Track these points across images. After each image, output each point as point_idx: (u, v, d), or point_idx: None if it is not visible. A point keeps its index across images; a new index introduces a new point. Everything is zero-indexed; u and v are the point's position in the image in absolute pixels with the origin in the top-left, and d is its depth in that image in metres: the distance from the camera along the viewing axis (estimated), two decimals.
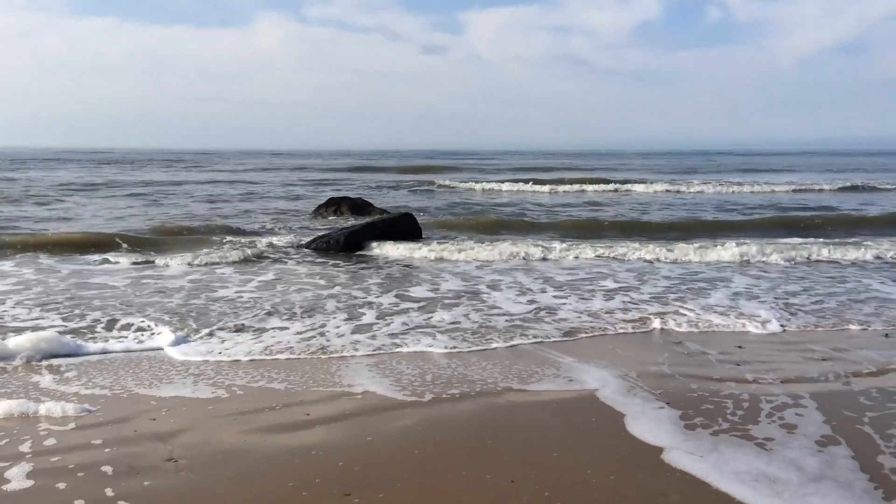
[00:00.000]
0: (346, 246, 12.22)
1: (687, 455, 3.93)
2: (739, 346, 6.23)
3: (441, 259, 11.34)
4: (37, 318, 7.16)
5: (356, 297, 8.27)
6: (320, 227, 15.00)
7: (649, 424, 4.39)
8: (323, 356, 5.96)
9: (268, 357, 5.93)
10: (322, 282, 9.31)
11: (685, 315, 7.36)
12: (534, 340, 6.41)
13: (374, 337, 6.52)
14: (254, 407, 4.77)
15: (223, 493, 3.55)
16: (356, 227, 13.24)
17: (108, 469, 3.80)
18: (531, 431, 4.36)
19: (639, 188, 27.61)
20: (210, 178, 33.10)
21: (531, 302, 8.06)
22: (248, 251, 11.46)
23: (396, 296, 8.41)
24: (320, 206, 18.02)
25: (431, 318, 7.27)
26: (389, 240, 12.77)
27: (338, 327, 6.86)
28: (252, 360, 5.83)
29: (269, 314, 7.41)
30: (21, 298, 8.08)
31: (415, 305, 7.88)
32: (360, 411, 4.70)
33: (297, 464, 3.88)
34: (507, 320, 7.15)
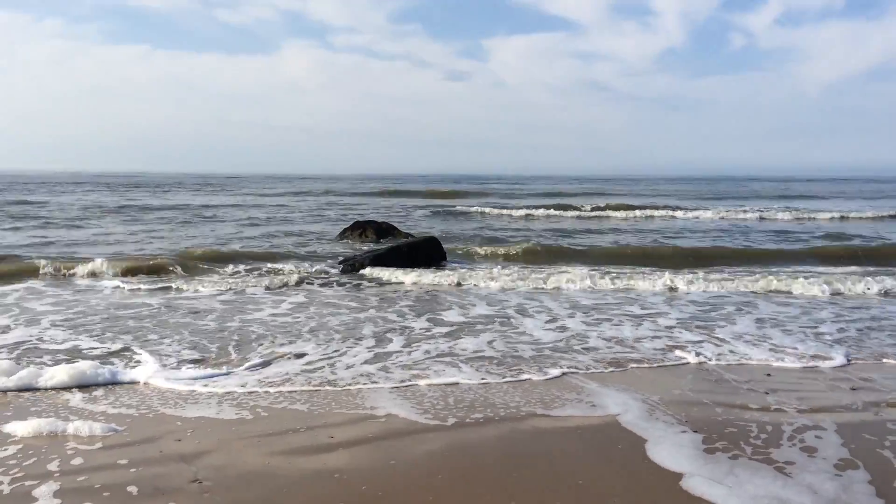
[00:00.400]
0: (370, 268, 12.26)
1: (707, 482, 3.85)
2: (768, 375, 6.13)
3: (462, 284, 11.30)
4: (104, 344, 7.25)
5: (384, 322, 8.28)
6: (345, 251, 15.08)
7: (672, 450, 4.32)
8: (351, 387, 5.95)
9: (304, 388, 5.91)
10: (353, 304, 9.36)
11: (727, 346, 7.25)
12: (565, 371, 6.28)
13: (400, 366, 6.48)
14: (278, 429, 4.77)
15: None
16: (380, 251, 13.30)
17: (133, 489, 3.82)
18: (556, 458, 4.31)
19: (682, 214, 27.70)
20: (237, 203, 33.53)
21: (561, 329, 7.99)
22: (277, 278, 11.43)
23: (428, 320, 8.41)
24: (345, 230, 18.13)
25: (458, 344, 7.23)
26: (414, 264, 12.80)
27: (361, 354, 6.87)
28: (280, 385, 5.84)
29: (302, 340, 7.44)
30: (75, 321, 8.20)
31: (444, 330, 7.87)
32: (383, 435, 4.69)
33: (320, 487, 3.87)
34: (534, 349, 7.06)
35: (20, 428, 4.68)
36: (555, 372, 6.19)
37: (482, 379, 5.98)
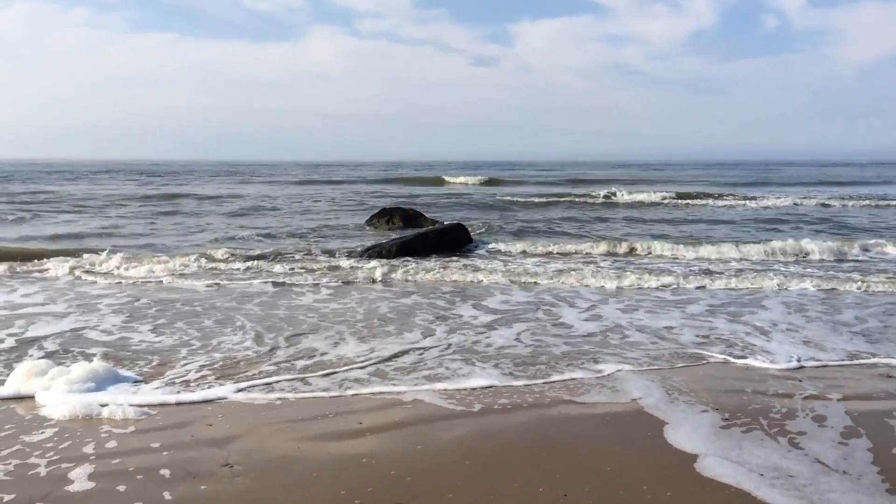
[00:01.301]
0: (398, 255, 12.29)
1: (719, 461, 3.81)
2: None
3: (490, 270, 11.27)
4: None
5: (416, 312, 8.30)
6: (375, 237, 15.14)
7: (689, 431, 4.28)
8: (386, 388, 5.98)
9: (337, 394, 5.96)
10: (386, 294, 9.39)
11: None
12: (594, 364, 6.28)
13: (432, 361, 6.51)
14: (307, 415, 4.81)
15: (277, 499, 3.58)
16: (408, 238, 13.31)
17: (165, 473, 3.88)
18: (584, 444, 4.29)
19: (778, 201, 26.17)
20: (264, 193, 33.41)
21: (595, 317, 7.96)
22: (308, 271, 11.53)
23: (451, 310, 8.41)
24: (372, 217, 18.18)
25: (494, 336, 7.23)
26: (441, 250, 12.80)
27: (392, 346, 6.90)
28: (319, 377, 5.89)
29: (339, 337, 7.48)
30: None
31: (487, 318, 7.87)
32: (411, 420, 4.70)
33: (349, 472, 3.89)
34: (565, 342, 7.04)
35: (56, 411, 4.78)
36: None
37: (515, 380, 5.73)
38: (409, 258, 12.06)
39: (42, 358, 5.90)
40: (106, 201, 25.90)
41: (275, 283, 9.99)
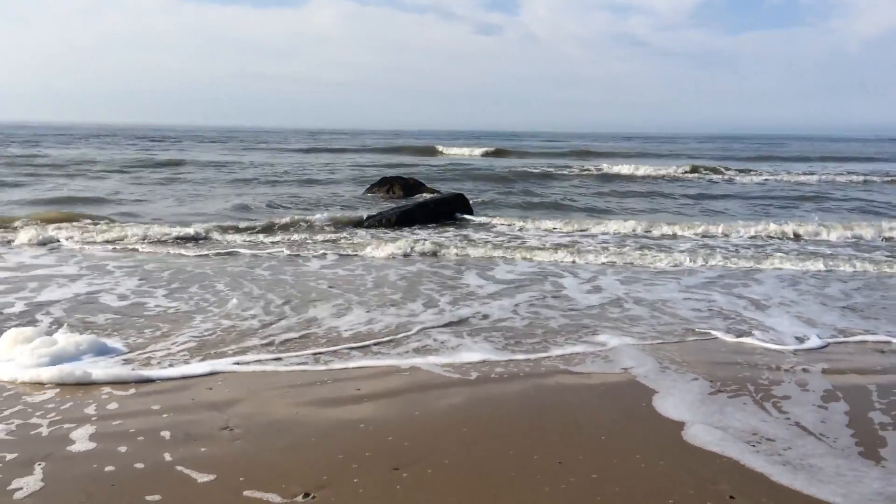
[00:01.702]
0: (398, 223, 12.31)
1: (705, 428, 3.86)
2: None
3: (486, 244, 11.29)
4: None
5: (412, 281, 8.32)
6: (377, 205, 15.14)
7: (677, 399, 4.34)
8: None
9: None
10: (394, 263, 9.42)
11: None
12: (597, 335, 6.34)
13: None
14: (306, 381, 4.86)
15: (276, 461, 3.63)
16: (408, 207, 13.33)
17: (166, 434, 3.94)
18: (579, 413, 4.35)
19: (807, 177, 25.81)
20: (264, 160, 32.94)
21: (596, 289, 8.00)
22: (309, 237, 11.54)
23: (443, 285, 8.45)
24: (373, 186, 18.16)
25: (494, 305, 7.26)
26: (441, 219, 12.81)
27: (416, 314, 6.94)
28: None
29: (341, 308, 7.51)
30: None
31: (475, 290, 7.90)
32: (409, 388, 4.75)
33: (347, 437, 3.95)
34: (565, 315, 7.09)
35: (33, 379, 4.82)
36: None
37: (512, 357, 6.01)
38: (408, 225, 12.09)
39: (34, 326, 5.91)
40: (107, 167, 25.84)
41: (279, 254, 10.02)
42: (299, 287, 7.69)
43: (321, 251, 9.97)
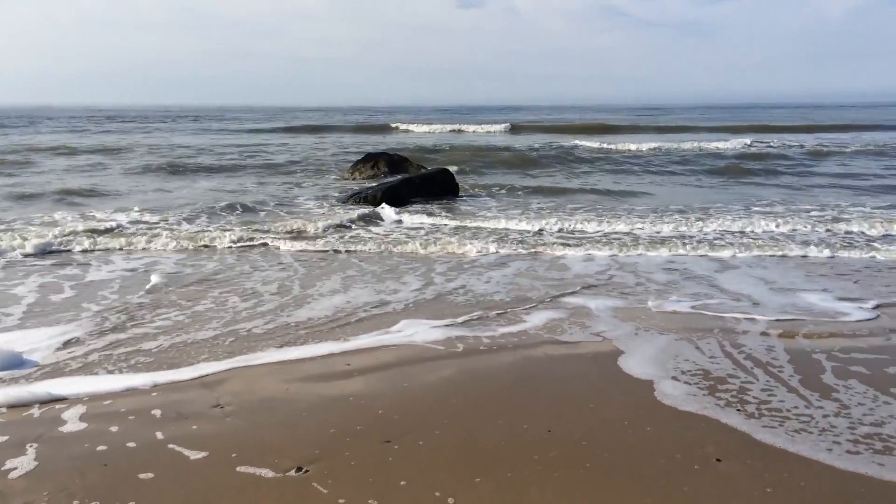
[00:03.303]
0: (382, 201, 12.26)
1: (672, 384, 3.93)
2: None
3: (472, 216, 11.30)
4: None
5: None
6: (356, 183, 15.07)
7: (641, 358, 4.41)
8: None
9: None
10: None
11: None
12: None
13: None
14: (295, 357, 4.88)
15: (268, 437, 3.66)
16: (393, 183, 13.27)
17: (157, 413, 3.95)
18: (568, 383, 4.40)
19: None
20: (254, 141, 32.07)
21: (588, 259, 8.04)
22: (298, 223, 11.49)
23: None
24: (357, 162, 18.04)
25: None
26: (427, 196, 12.77)
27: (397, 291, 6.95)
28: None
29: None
30: None
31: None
32: (398, 362, 4.78)
33: (338, 411, 3.98)
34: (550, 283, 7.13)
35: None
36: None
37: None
38: (393, 202, 12.06)
39: None
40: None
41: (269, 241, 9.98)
42: (287, 271, 7.68)
43: (304, 230, 9.93)
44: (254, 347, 5.05)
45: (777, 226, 10.03)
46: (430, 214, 11.15)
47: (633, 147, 24.47)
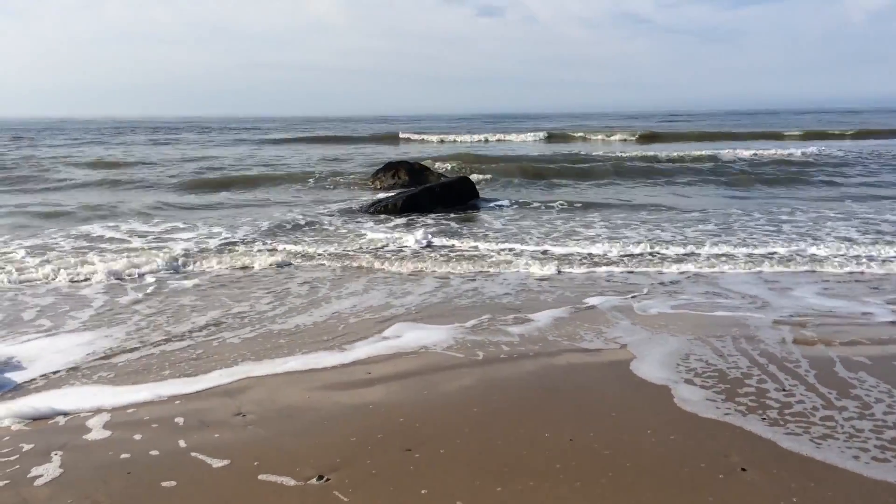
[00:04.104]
0: (403, 209, 12.30)
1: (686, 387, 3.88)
2: None
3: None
4: None
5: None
6: (379, 191, 15.12)
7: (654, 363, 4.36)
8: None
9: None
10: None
11: None
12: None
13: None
14: (316, 366, 4.89)
15: (290, 445, 3.67)
16: (414, 192, 13.30)
17: (180, 421, 3.98)
18: (590, 392, 4.37)
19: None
20: (274, 153, 31.88)
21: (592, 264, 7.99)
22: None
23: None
24: (378, 171, 18.11)
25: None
26: (447, 204, 12.79)
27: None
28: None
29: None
30: None
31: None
32: (419, 370, 4.78)
33: (359, 420, 3.98)
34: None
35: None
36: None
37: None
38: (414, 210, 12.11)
39: None
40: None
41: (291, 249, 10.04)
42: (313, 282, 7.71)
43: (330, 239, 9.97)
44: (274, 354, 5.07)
45: None
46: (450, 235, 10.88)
47: (725, 153, 22.97)
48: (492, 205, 13.53)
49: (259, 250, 9.03)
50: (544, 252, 8.77)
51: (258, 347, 5.26)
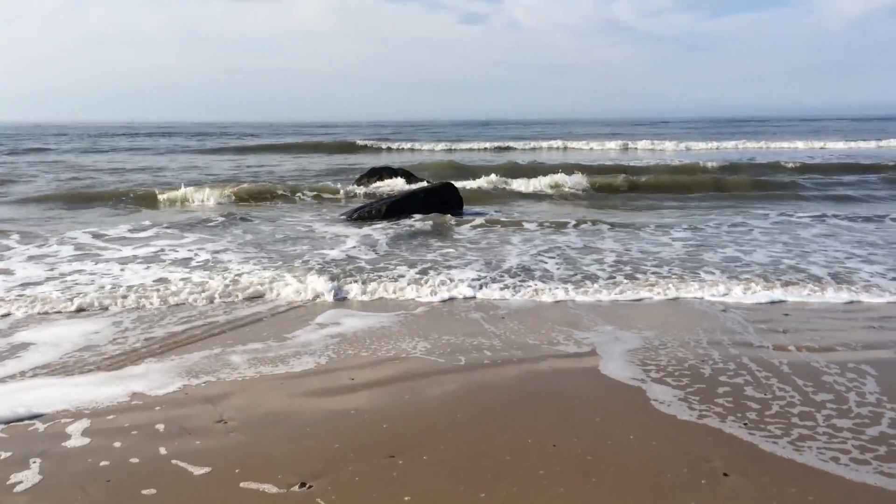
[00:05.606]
0: (387, 215, 12.28)
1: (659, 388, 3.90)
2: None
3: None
4: None
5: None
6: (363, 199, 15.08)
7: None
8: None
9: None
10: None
11: None
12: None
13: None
14: (298, 371, 4.86)
15: (272, 452, 3.64)
16: (397, 197, 13.28)
17: (160, 427, 3.94)
18: (573, 397, 4.37)
19: None
20: (261, 161, 30.89)
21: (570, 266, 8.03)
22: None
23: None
24: (362, 177, 18.11)
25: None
26: (431, 210, 12.77)
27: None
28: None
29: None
30: None
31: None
32: (402, 376, 4.76)
33: (342, 426, 3.96)
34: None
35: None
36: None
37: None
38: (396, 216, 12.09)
39: None
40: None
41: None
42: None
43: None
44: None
45: None
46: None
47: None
48: (476, 213, 13.53)
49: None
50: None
51: None
